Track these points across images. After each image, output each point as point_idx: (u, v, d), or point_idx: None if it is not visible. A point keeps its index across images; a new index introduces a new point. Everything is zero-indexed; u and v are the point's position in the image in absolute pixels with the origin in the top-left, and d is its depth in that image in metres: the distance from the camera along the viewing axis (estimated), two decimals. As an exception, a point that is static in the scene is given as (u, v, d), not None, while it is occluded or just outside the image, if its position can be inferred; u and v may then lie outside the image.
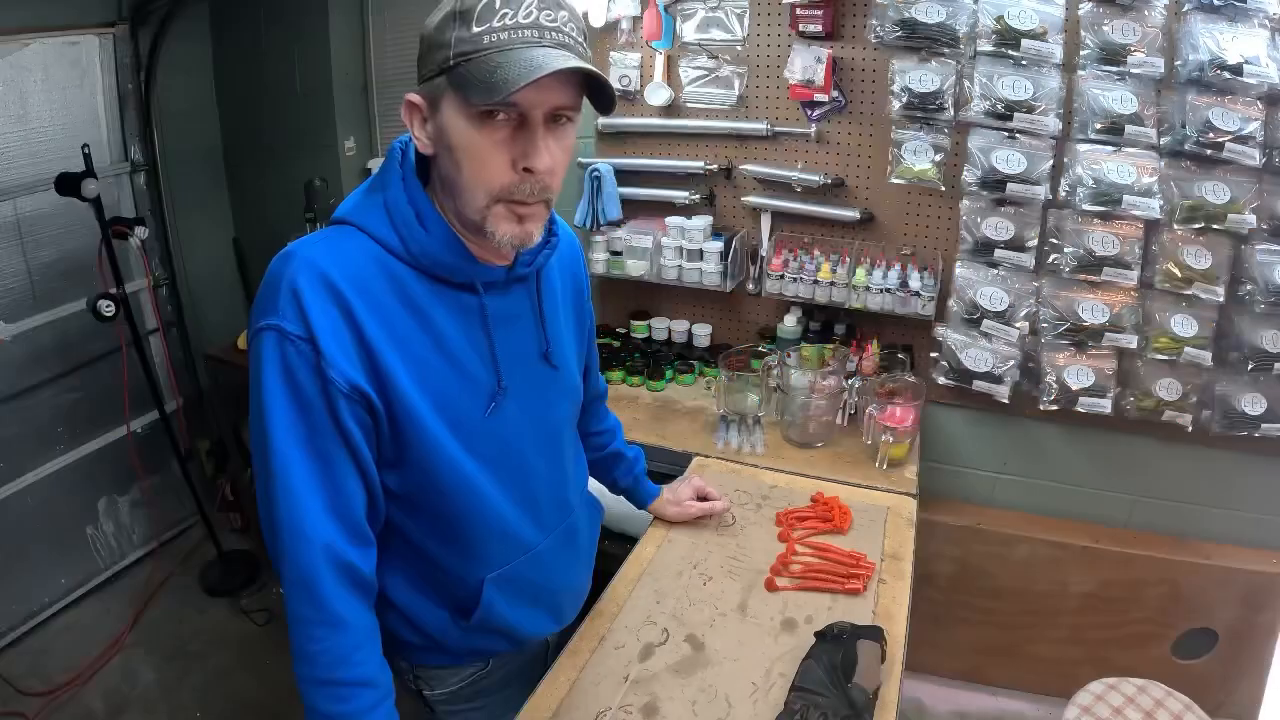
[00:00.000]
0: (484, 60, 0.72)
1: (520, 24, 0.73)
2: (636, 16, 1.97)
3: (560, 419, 1.03)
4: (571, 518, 1.08)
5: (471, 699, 1.08)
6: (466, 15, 0.73)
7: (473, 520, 0.92)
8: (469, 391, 0.88)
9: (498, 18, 0.72)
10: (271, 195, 2.76)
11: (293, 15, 2.51)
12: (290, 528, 0.79)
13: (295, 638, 0.82)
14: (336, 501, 0.81)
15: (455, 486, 0.89)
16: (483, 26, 0.73)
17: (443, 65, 0.75)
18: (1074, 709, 1.45)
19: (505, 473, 0.94)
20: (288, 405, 0.78)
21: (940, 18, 1.66)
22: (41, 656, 2.27)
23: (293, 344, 0.76)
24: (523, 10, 0.73)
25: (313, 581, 0.80)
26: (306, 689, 0.82)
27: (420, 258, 0.82)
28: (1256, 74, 1.52)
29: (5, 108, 2.15)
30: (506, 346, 0.91)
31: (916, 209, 1.91)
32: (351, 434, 0.80)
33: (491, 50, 0.72)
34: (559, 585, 1.09)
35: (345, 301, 0.78)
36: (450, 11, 0.75)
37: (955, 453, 2.11)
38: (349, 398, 0.79)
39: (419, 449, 0.85)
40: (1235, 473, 1.88)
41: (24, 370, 2.28)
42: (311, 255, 0.79)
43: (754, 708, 1.03)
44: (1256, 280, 1.64)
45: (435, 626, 0.99)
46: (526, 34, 0.73)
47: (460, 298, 0.86)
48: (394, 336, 0.81)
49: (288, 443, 0.79)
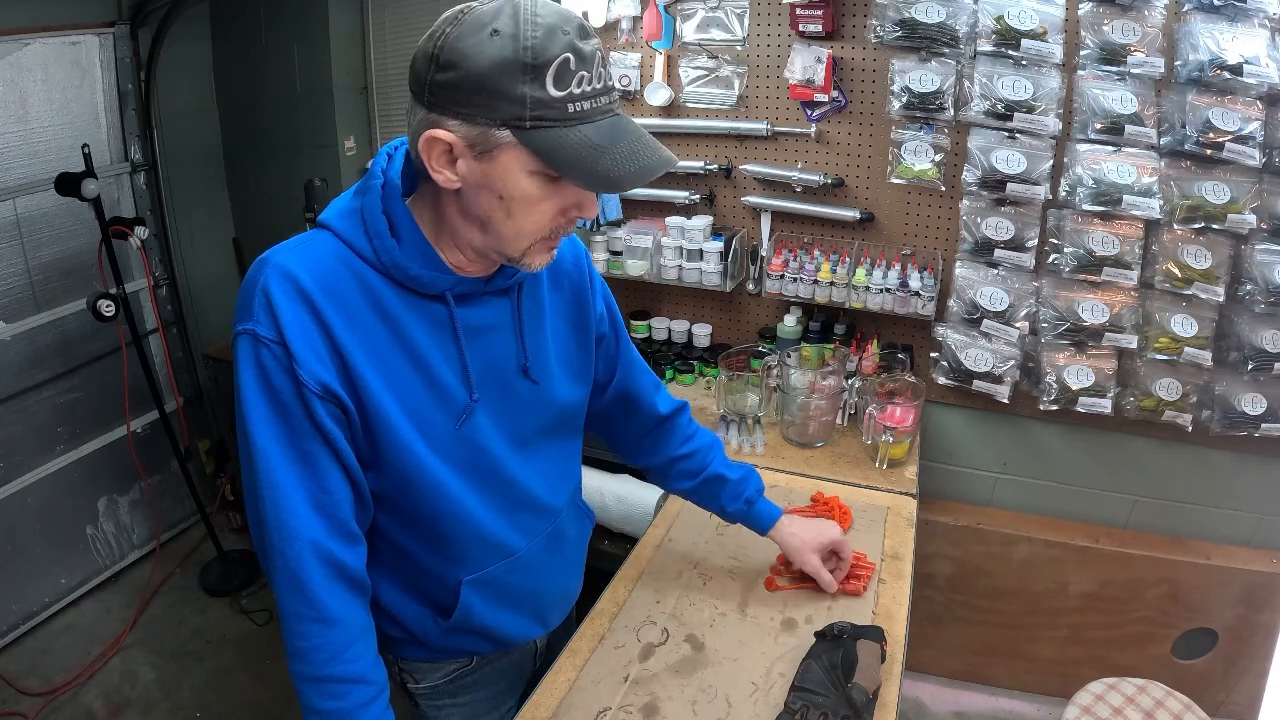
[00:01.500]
0: (575, 134, 0.72)
1: (596, 90, 0.72)
2: (636, 16, 1.97)
3: (541, 429, 1.00)
4: (556, 524, 1.06)
5: (454, 695, 1.09)
6: (539, 72, 0.69)
7: (447, 523, 0.92)
8: (439, 400, 0.87)
9: (575, 81, 0.70)
10: (271, 195, 2.77)
11: (293, 15, 2.51)
12: (277, 526, 0.81)
13: (287, 635, 0.84)
14: (322, 500, 0.82)
15: (427, 490, 0.89)
16: (563, 92, 0.70)
17: (513, 122, 0.71)
18: (1074, 709, 1.45)
19: (481, 479, 0.93)
20: (266, 407, 0.80)
21: (940, 18, 1.66)
22: (41, 656, 2.27)
23: (266, 347, 0.78)
24: (595, 69, 0.72)
25: (301, 578, 0.81)
26: (300, 685, 0.84)
27: (390, 267, 0.82)
28: (1256, 74, 1.52)
29: (5, 108, 2.15)
30: (480, 358, 0.90)
31: (916, 209, 1.91)
32: (331, 433, 0.81)
33: (576, 122, 0.72)
34: (542, 590, 1.08)
35: (315, 305, 0.79)
36: (516, 62, 0.69)
37: (955, 453, 2.11)
38: (322, 398, 0.79)
39: (389, 452, 0.85)
40: (1235, 473, 1.88)
41: (24, 370, 2.28)
42: (283, 260, 0.80)
43: (754, 708, 1.03)
44: (1256, 280, 1.64)
45: (415, 623, 1.00)
46: (601, 101, 0.73)
47: (431, 308, 0.85)
48: (364, 341, 0.81)
49: (269, 444, 0.80)
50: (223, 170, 2.93)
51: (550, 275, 0.99)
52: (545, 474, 1.02)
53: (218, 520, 2.72)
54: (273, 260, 0.80)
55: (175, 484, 2.68)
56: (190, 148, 2.75)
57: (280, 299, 0.78)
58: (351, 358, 0.80)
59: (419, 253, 0.83)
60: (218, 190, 2.93)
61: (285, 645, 0.84)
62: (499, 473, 0.95)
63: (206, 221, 2.87)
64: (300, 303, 0.78)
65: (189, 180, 2.76)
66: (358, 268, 0.82)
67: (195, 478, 2.61)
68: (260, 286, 0.79)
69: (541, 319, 0.97)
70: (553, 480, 1.04)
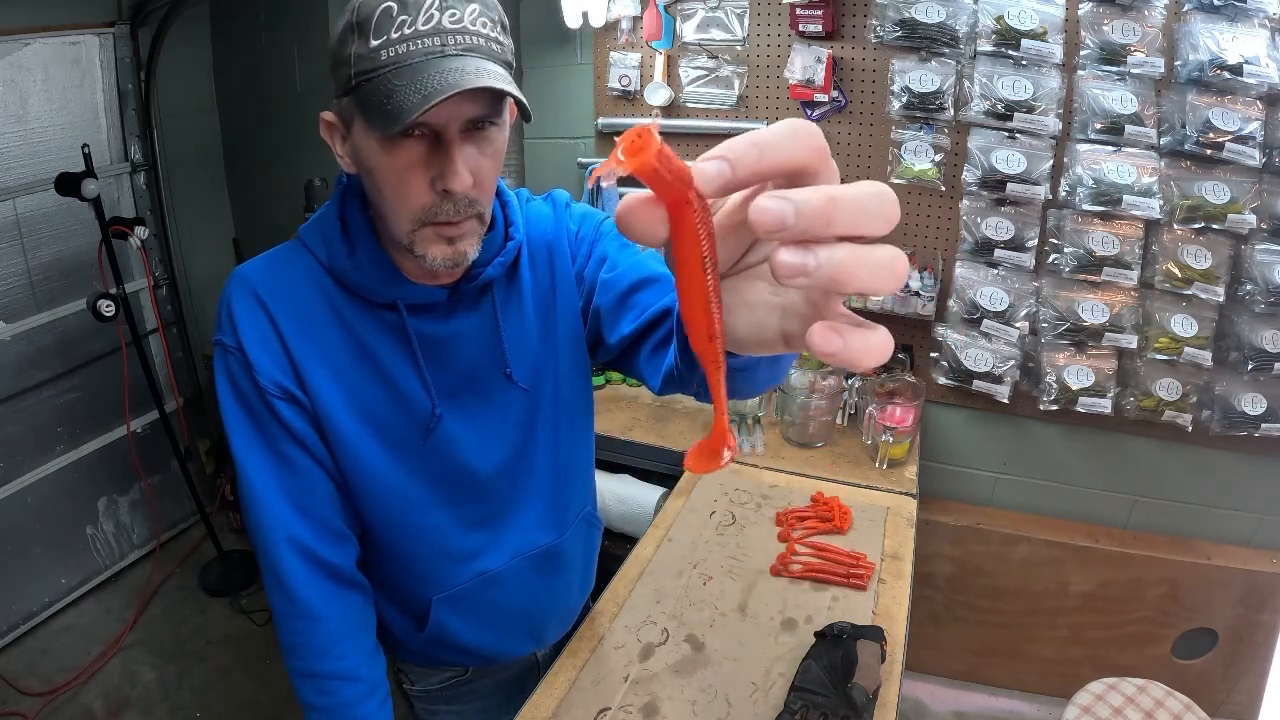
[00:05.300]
0: (382, 81, 0.65)
1: (420, 32, 0.65)
2: (636, 16, 1.97)
3: (535, 437, 0.93)
4: (552, 540, 0.99)
5: (449, 701, 1.08)
6: (363, 27, 0.65)
7: (409, 537, 0.90)
8: (403, 411, 0.84)
9: (395, 27, 0.64)
10: (271, 195, 2.76)
11: (293, 15, 2.50)
12: (258, 526, 0.83)
13: (278, 631, 0.86)
14: (303, 499, 0.83)
15: (383, 502, 0.87)
16: (380, 40, 0.65)
17: (346, 85, 0.68)
18: (1074, 709, 1.45)
19: (453, 493, 0.90)
20: (239, 412, 0.81)
21: (940, 18, 1.66)
22: (41, 656, 2.27)
23: (232, 355, 0.80)
24: (422, 15, 0.64)
25: (282, 576, 0.83)
26: (294, 680, 0.86)
27: (339, 275, 0.80)
28: (1256, 74, 1.52)
29: (5, 108, 2.15)
30: (449, 368, 0.85)
31: (916, 209, 1.91)
32: (301, 433, 0.81)
33: (388, 69, 0.65)
34: (534, 609, 1.03)
35: (269, 312, 0.79)
36: (348, 24, 0.67)
37: (955, 453, 2.11)
38: (284, 400, 0.80)
39: (344, 460, 0.84)
40: (1235, 473, 1.88)
41: (24, 370, 2.28)
42: (246, 272, 0.81)
43: (754, 708, 1.03)
44: (1256, 280, 1.64)
45: (400, 631, 0.99)
46: (427, 43, 0.65)
47: (386, 316, 0.82)
48: (321, 352, 0.81)
49: (245, 447, 0.82)
50: (223, 170, 2.92)
51: (529, 261, 0.90)
52: (540, 490, 0.96)
53: (218, 520, 2.72)
54: (238, 271, 0.82)
55: (175, 484, 2.68)
56: (190, 148, 2.74)
57: (239, 308, 0.79)
58: (304, 367, 0.80)
59: (371, 259, 0.80)
60: (218, 190, 2.93)
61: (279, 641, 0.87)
62: (475, 487, 0.90)
63: (206, 221, 2.87)
64: (257, 310, 0.79)
65: (189, 180, 2.76)
66: (319, 276, 0.81)
67: (195, 478, 2.61)
68: (225, 298, 0.80)
69: (525, 317, 0.89)
70: (550, 496, 0.97)
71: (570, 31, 2.06)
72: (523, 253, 0.88)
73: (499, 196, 0.85)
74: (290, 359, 0.80)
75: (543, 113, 2.22)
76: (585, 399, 1.00)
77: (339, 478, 0.85)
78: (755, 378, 0.59)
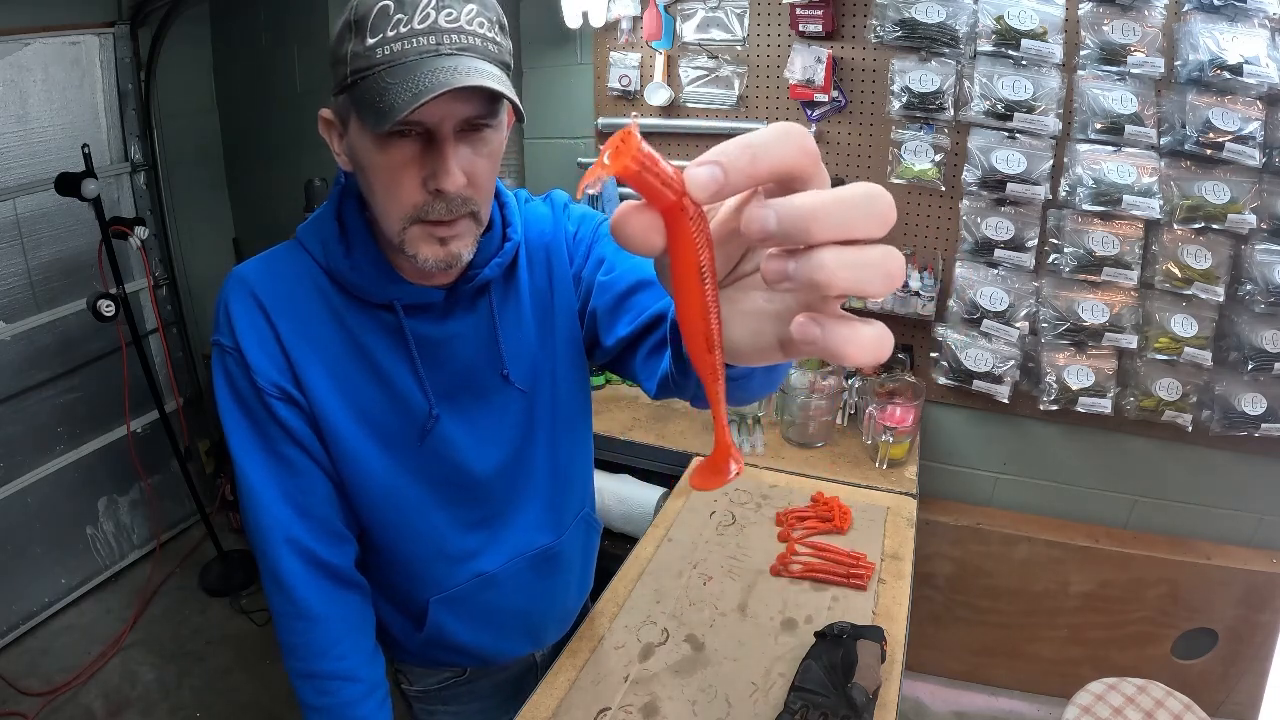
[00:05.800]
0: (376, 79, 0.66)
1: (415, 31, 0.65)
2: (636, 16, 1.97)
3: (534, 438, 0.93)
4: (550, 541, 1.00)
5: (446, 702, 1.08)
6: (360, 25, 0.66)
7: (407, 540, 0.90)
8: (400, 412, 0.84)
9: (391, 26, 0.65)
10: (271, 195, 2.76)
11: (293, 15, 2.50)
12: (256, 526, 0.83)
13: (277, 631, 0.86)
14: (301, 499, 0.83)
15: (384, 505, 0.87)
16: (376, 38, 0.65)
17: (342, 83, 0.69)
18: (1074, 709, 1.45)
19: (451, 494, 0.90)
20: (238, 413, 0.81)
21: (940, 18, 1.66)
22: (41, 656, 2.27)
23: (230, 356, 0.80)
24: (419, 14, 0.65)
25: (281, 576, 0.83)
26: (293, 680, 0.86)
27: (336, 275, 0.80)
28: (1256, 74, 1.52)
29: (5, 108, 2.15)
30: (446, 368, 0.85)
31: (916, 209, 1.91)
32: (299, 433, 0.81)
33: (382, 67, 0.65)
34: (532, 610, 1.03)
35: (265, 312, 0.79)
36: (346, 23, 0.68)
37: (955, 453, 2.11)
38: (282, 400, 0.80)
39: (340, 460, 0.84)
40: (1235, 473, 1.88)
41: (24, 370, 2.28)
42: (244, 272, 0.82)
43: (754, 708, 1.03)
44: (1256, 280, 1.64)
45: (399, 631, 0.99)
46: (422, 42, 0.65)
47: (383, 317, 0.82)
48: (318, 352, 0.80)
49: (243, 447, 0.82)
50: (223, 170, 2.92)
51: (527, 262, 0.89)
52: (538, 491, 0.96)
53: (218, 520, 2.72)
54: (236, 271, 0.82)
55: (175, 484, 2.68)
56: (190, 148, 2.74)
57: (235, 308, 0.79)
58: (300, 367, 0.80)
59: (368, 260, 0.80)
60: (218, 190, 2.93)
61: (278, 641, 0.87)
62: (472, 488, 0.91)
63: (206, 221, 2.87)
64: (254, 310, 0.79)
65: (189, 180, 2.76)
66: (316, 276, 0.81)
67: (195, 478, 2.61)
68: (223, 299, 0.80)
69: (523, 319, 0.89)
70: (549, 496, 0.98)
71: (570, 31, 2.06)
72: (520, 254, 0.88)
73: (497, 197, 0.85)
74: (287, 359, 0.80)
75: (543, 113, 2.22)
76: (583, 400, 1.00)
77: (336, 478, 0.85)
78: (751, 386, 0.59)
